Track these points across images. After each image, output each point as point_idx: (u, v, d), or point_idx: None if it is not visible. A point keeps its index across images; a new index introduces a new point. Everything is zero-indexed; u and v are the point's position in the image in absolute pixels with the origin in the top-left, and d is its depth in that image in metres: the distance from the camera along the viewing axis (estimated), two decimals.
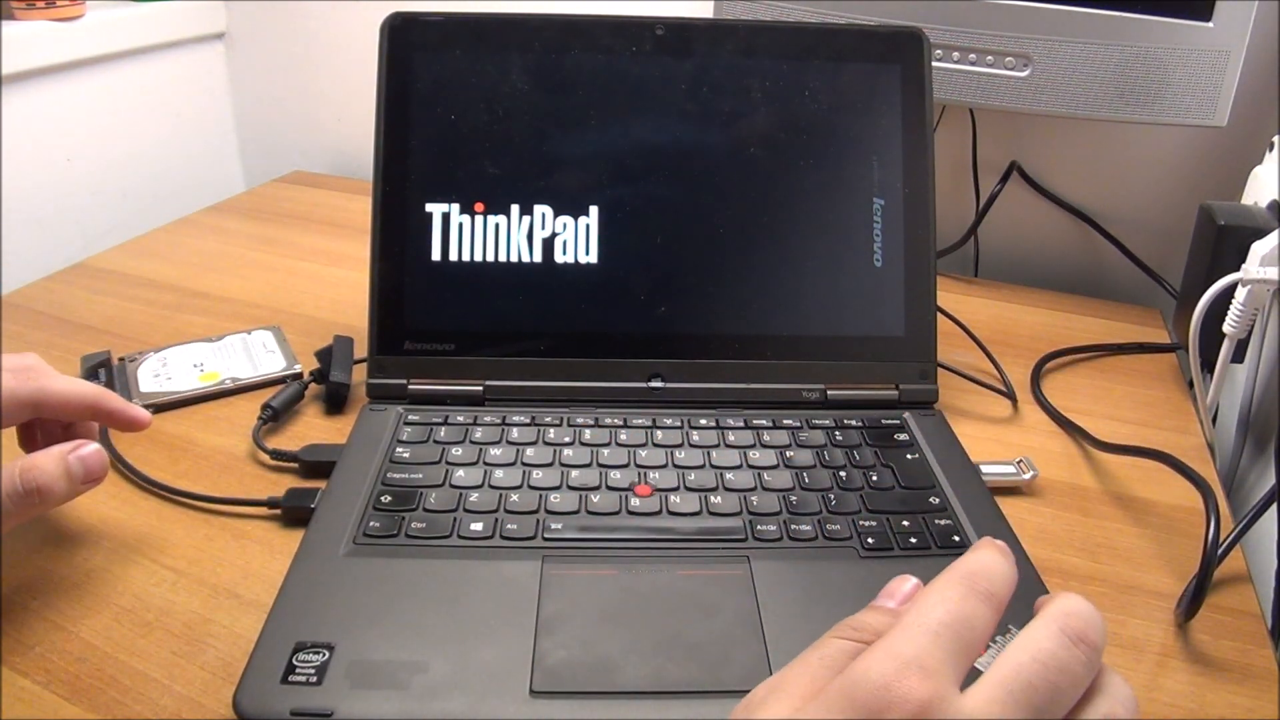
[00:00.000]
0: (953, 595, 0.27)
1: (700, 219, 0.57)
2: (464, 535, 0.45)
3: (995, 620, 0.27)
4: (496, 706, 0.35)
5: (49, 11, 0.87)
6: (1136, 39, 0.65)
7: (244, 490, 0.51)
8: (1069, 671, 0.25)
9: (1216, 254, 0.59)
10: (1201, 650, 0.42)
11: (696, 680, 0.37)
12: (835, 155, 0.58)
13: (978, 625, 0.26)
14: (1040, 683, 0.25)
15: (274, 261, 0.81)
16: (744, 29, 0.59)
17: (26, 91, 0.87)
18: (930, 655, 0.25)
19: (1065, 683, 0.25)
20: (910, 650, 0.25)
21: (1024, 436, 0.59)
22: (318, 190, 1.00)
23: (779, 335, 0.57)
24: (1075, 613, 0.26)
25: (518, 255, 0.57)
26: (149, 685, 0.38)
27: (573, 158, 0.57)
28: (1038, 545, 0.48)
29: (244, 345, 0.64)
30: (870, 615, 0.29)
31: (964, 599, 0.27)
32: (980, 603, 0.27)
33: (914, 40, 0.58)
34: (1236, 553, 0.48)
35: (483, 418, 0.54)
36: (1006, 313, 0.77)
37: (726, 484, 0.49)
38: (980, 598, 0.27)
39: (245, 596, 0.43)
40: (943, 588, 0.27)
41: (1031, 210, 0.85)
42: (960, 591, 0.27)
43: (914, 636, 0.26)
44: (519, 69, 0.57)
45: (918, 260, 0.57)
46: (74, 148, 0.94)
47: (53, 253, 0.89)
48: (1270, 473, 0.54)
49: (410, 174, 0.56)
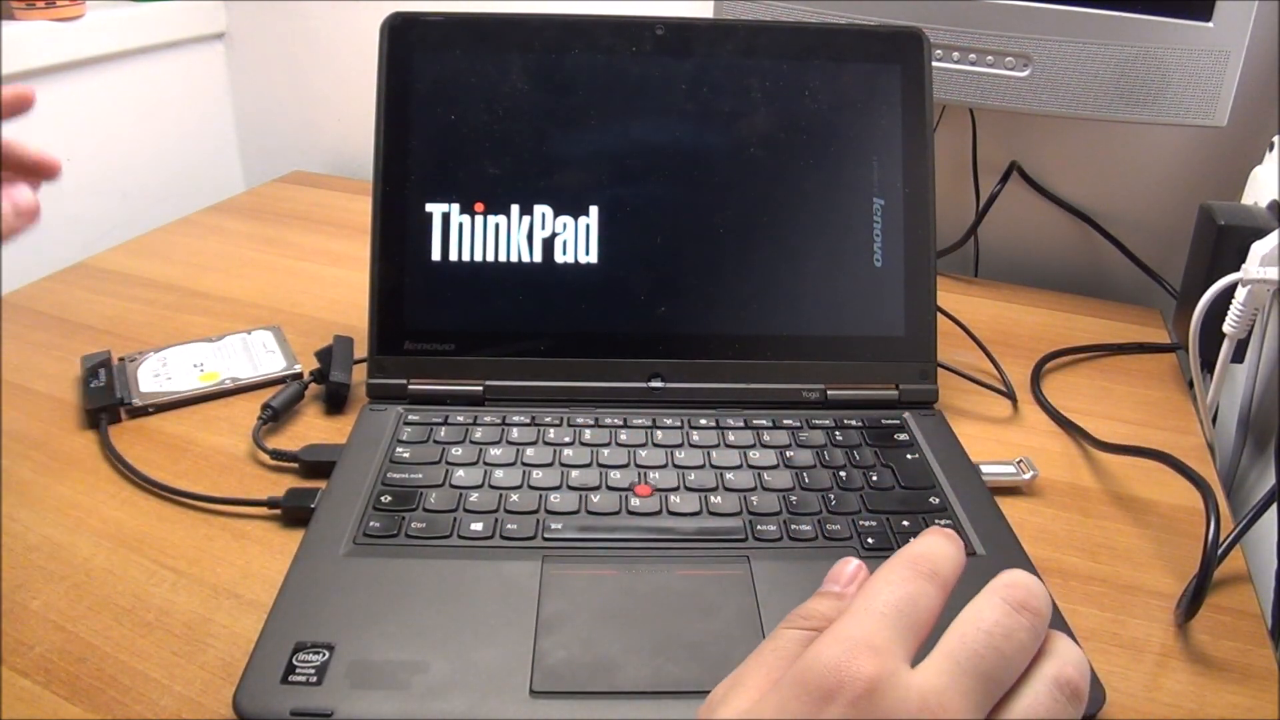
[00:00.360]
0: (896, 578, 0.27)
1: (700, 219, 0.57)
2: (464, 535, 0.45)
3: (941, 599, 0.27)
4: (496, 706, 0.35)
5: (49, 11, 0.87)
6: (1136, 39, 0.65)
7: (244, 490, 0.51)
8: (1013, 638, 0.26)
9: (1216, 254, 0.59)
10: (1201, 650, 0.42)
11: (696, 680, 0.37)
12: (835, 155, 0.58)
13: (923, 604, 0.27)
14: (986, 650, 0.25)
15: (274, 261, 0.81)
16: (744, 29, 0.59)
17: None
18: (878, 634, 0.25)
19: (1010, 648, 0.26)
20: (858, 631, 0.26)
21: (1024, 436, 0.59)
22: (318, 190, 1.00)
23: (779, 335, 0.57)
24: (1016, 583, 0.27)
25: (518, 255, 0.57)
26: (149, 685, 0.38)
27: (573, 158, 0.57)
28: (1038, 545, 0.48)
29: (244, 345, 0.64)
30: (818, 602, 0.29)
31: (908, 580, 0.27)
32: (926, 582, 0.27)
33: (914, 40, 0.58)
34: (1236, 553, 0.48)
35: (483, 418, 0.54)
36: (1006, 313, 0.77)
37: (726, 484, 0.49)
38: (925, 578, 0.27)
39: (245, 596, 0.43)
40: (888, 572, 0.28)
41: (1031, 210, 0.85)
42: (905, 574, 0.27)
43: (861, 619, 0.26)
44: (519, 69, 0.57)
45: (918, 260, 0.57)
46: (74, 148, 0.93)
47: (53, 253, 0.89)
48: (1270, 473, 0.54)
49: (410, 174, 0.56)
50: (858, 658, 0.25)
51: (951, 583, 0.28)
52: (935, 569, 0.28)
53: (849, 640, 0.25)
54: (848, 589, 0.29)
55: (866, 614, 0.26)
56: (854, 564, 0.30)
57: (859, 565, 0.30)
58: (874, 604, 0.26)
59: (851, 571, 0.30)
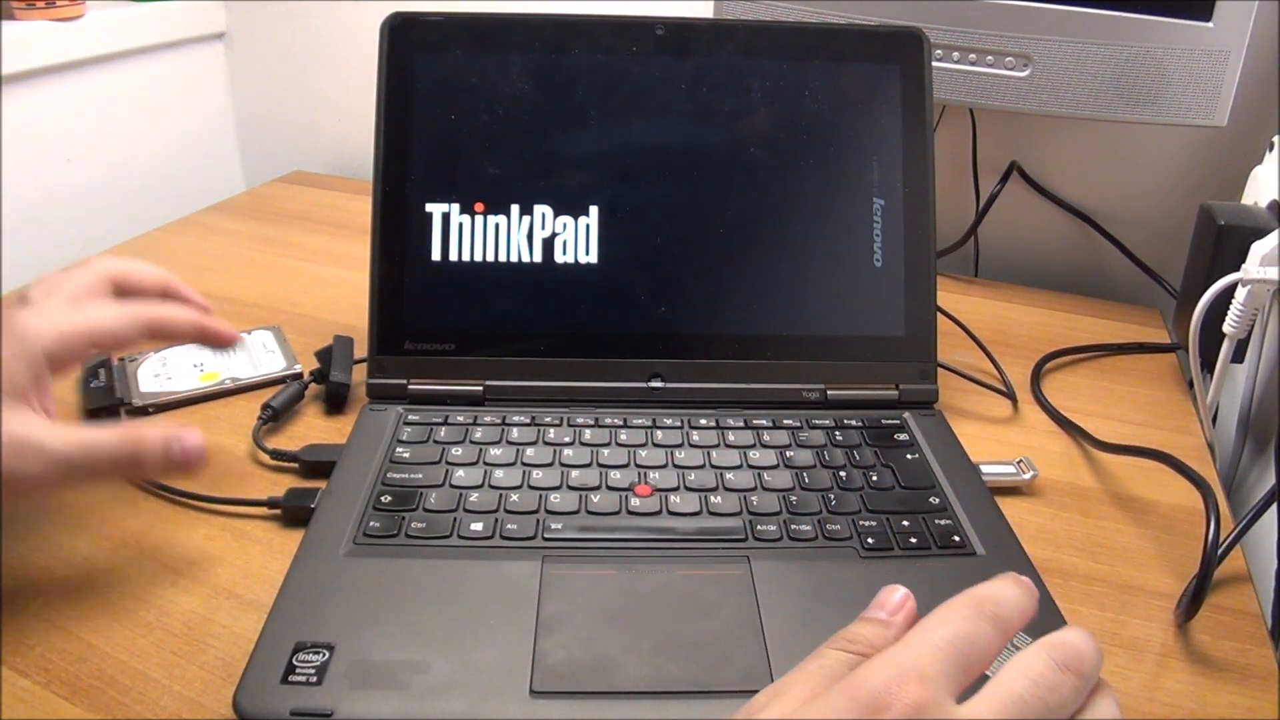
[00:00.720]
0: (958, 615, 0.28)
1: (700, 219, 0.57)
2: (464, 535, 0.45)
3: (1000, 644, 0.28)
4: (496, 706, 0.35)
5: (49, 11, 0.87)
6: (1136, 39, 0.65)
7: (244, 490, 0.51)
8: (1057, 693, 0.26)
9: (1216, 254, 0.59)
10: (1201, 650, 0.42)
11: (696, 680, 0.37)
12: (835, 155, 0.58)
13: (979, 644, 0.27)
14: (1031, 699, 0.26)
15: (274, 261, 0.81)
16: (744, 29, 0.59)
17: (26, 91, 0.87)
18: (930, 665, 0.26)
19: (1054, 701, 0.26)
20: (910, 659, 0.26)
21: (1024, 436, 0.59)
22: (318, 190, 1.00)
23: (779, 335, 0.57)
24: (1067, 642, 0.28)
25: (518, 255, 0.57)
26: (149, 685, 0.38)
27: (573, 158, 0.57)
28: (1038, 545, 0.48)
29: (244, 345, 0.64)
30: (863, 627, 0.30)
31: (969, 619, 0.28)
32: (986, 624, 0.28)
33: (914, 40, 0.58)
34: (1236, 553, 0.48)
35: (483, 418, 0.54)
36: (1006, 313, 0.77)
37: (726, 484, 0.49)
38: (986, 620, 0.28)
39: (245, 596, 0.43)
40: (951, 607, 0.28)
41: (1031, 210, 0.85)
42: (967, 612, 0.28)
43: (917, 648, 0.27)
44: (519, 69, 0.57)
45: (918, 260, 0.57)
46: (74, 148, 0.94)
47: (53, 253, 0.89)
48: (1270, 473, 0.54)
49: (410, 174, 0.56)
50: (907, 683, 0.25)
51: (1014, 630, 0.29)
52: (999, 613, 0.28)
53: (900, 665, 0.26)
54: (894, 617, 0.30)
55: (922, 644, 0.27)
56: (900, 592, 0.31)
57: (906, 594, 0.31)
58: (931, 636, 0.27)
59: (899, 600, 0.30)
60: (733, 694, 0.36)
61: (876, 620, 0.30)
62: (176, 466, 0.43)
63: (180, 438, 0.42)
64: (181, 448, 0.42)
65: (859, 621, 0.30)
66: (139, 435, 0.41)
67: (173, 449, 0.42)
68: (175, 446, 0.42)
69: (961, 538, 0.45)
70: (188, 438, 0.43)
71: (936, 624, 0.28)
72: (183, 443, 0.42)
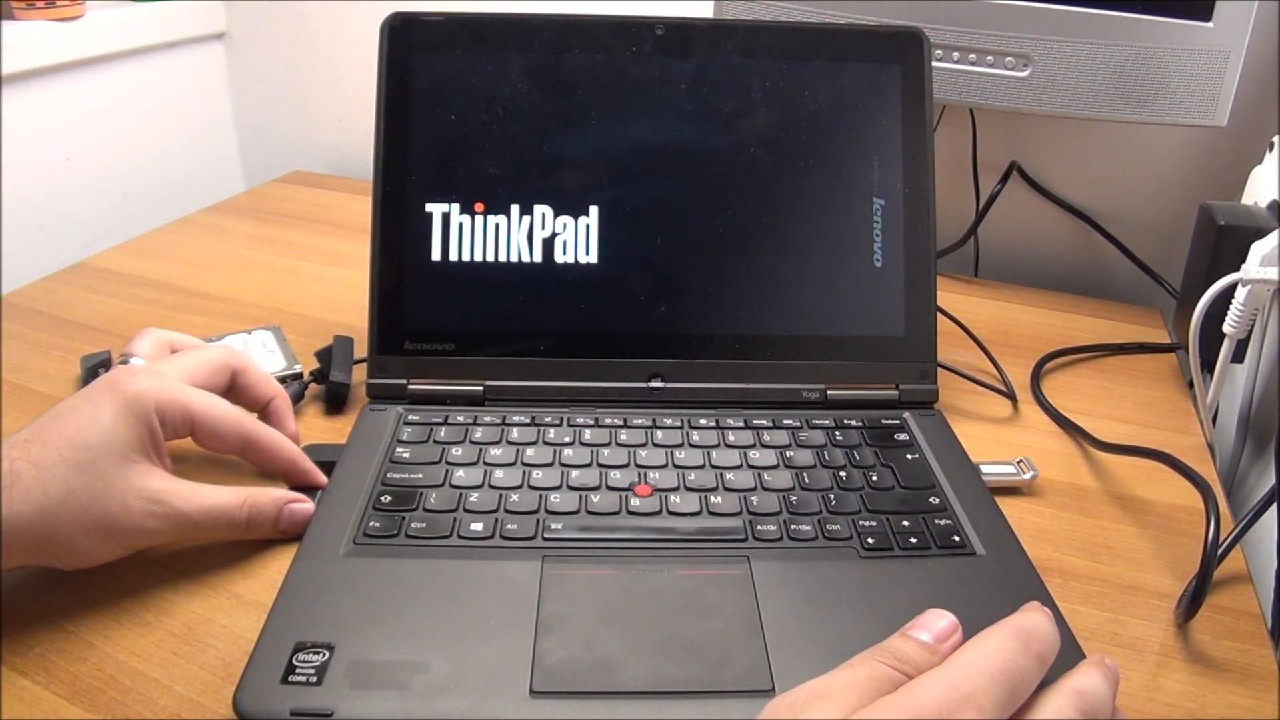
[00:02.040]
0: (1010, 648, 0.29)
1: (700, 219, 0.57)
2: (464, 535, 0.45)
3: (1038, 679, 0.29)
4: (496, 706, 0.35)
5: (49, 11, 0.87)
6: (1136, 39, 0.65)
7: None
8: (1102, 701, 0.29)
9: (1216, 254, 0.59)
10: (1201, 650, 0.42)
11: (696, 680, 0.37)
12: (835, 155, 0.58)
13: (1027, 680, 0.29)
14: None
15: (274, 261, 0.81)
16: (744, 29, 0.59)
17: (26, 91, 0.87)
18: (986, 696, 0.27)
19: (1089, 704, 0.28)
20: (969, 687, 0.27)
21: (1024, 436, 0.59)
22: (318, 190, 1.00)
23: (779, 335, 0.57)
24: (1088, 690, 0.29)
25: (518, 255, 0.57)
26: (149, 685, 0.38)
27: (573, 158, 0.57)
28: (1038, 545, 0.48)
29: (244, 345, 0.64)
30: (910, 647, 0.31)
31: (1020, 654, 0.29)
32: (1032, 661, 0.29)
33: (914, 40, 0.58)
34: (1236, 553, 0.48)
35: (483, 418, 0.54)
36: (1006, 313, 0.77)
37: (726, 484, 0.49)
38: (1033, 657, 0.29)
39: (245, 596, 0.43)
40: (1001, 638, 0.29)
41: (1031, 210, 0.85)
42: (1018, 646, 0.29)
43: (972, 676, 0.28)
44: (519, 69, 0.57)
45: (918, 260, 0.57)
46: (74, 148, 0.94)
47: (53, 253, 0.89)
48: (1270, 473, 0.54)
49: (410, 174, 0.56)
50: (966, 709, 0.27)
51: (1048, 665, 0.30)
52: (1042, 652, 0.30)
53: (959, 691, 0.27)
54: (941, 645, 0.31)
55: (977, 672, 0.28)
56: (949, 620, 0.32)
57: (954, 624, 0.32)
58: (985, 665, 0.28)
59: (946, 628, 0.31)
60: (733, 694, 0.36)
61: (923, 644, 0.31)
62: (282, 532, 0.46)
63: (292, 510, 0.46)
64: (292, 520, 0.46)
65: (904, 639, 0.31)
66: (255, 503, 0.45)
67: (283, 518, 0.46)
68: (285, 515, 0.46)
69: (961, 538, 0.45)
70: (299, 510, 0.46)
71: (990, 652, 0.29)
72: (294, 515, 0.46)
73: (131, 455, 0.41)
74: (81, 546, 0.40)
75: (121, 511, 0.40)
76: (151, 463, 0.43)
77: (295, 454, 0.49)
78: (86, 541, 0.40)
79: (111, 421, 0.41)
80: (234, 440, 0.47)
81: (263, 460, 0.48)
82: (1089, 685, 0.29)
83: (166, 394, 0.44)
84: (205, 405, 0.45)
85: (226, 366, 0.49)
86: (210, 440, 0.46)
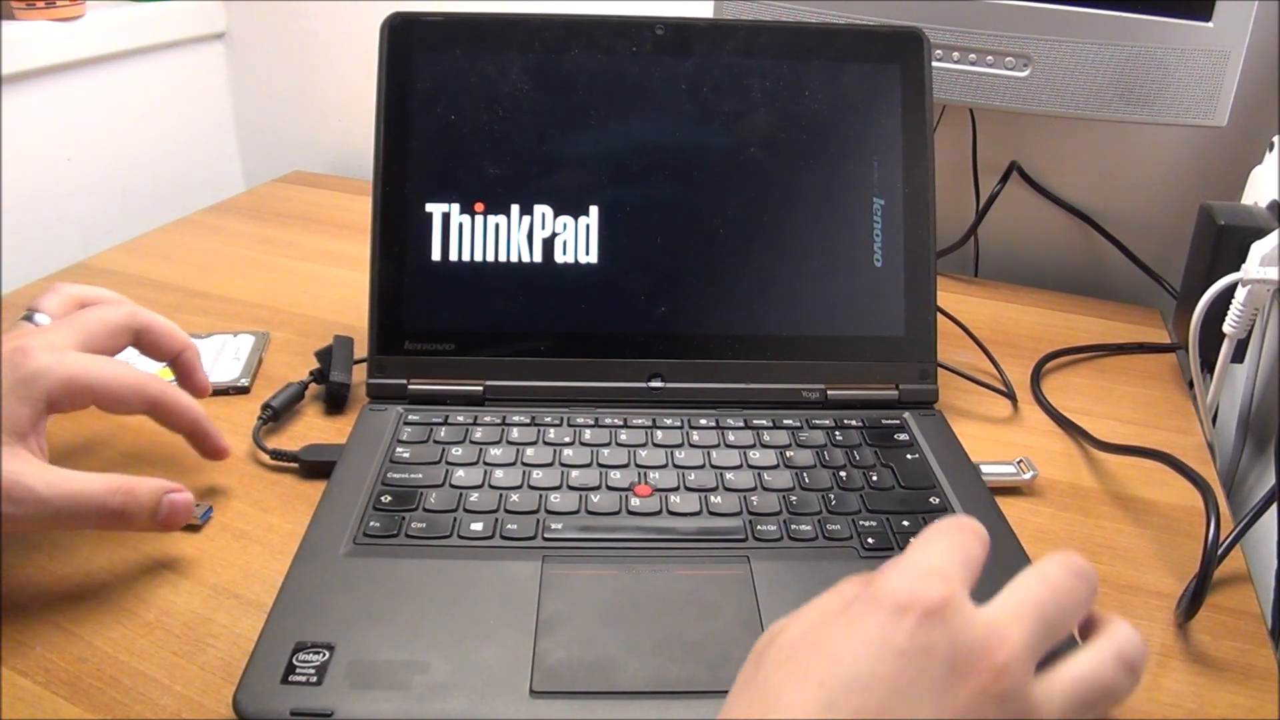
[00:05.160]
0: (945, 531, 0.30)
1: (700, 219, 0.57)
2: (464, 535, 0.45)
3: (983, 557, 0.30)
4: (496, 706, 0.35)
5: (49, 11, 0.87)
6: (1136, 39, 0.65)
7: (245, 490, 0.51)
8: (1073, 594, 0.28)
9: (1216, 254, 0.59)
10: (1201, 650, 0.42)
11: (696, 680, 0.37)
12: (835, 155, 0.58)
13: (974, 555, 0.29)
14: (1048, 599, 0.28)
15: (274, 261, 0.81)
16: (744, 29, 0.59)
17: (26, 91, 0.87)
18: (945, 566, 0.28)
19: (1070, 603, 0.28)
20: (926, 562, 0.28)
21: (1024, 436, 0.59)
22: (318, 190, 1.00)
23: (779, 335, 0.57)
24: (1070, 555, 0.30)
25: (518, 255, 0.57)
26: (149, 685, 0.38)
27: (573, 158, 0.57)
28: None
29: (220, 348, 0.63)
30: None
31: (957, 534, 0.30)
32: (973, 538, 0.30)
33: (914, 40, 0.58)
34: (1236, 553, 0.48)
35: (483, 418, 0.54)
36: (1006, 313, 0.77)
37: (726, 484, 0.49)
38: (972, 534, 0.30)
39: (245, 596, 0.43)
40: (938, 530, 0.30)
41: (1031, 210, 0.85)
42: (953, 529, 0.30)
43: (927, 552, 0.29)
44: (519, 69, 0.57)
45: (918, 260, 0.57)
46: (74, 148, 0.94)
47: (53, 253, 0.89)
48: (1270, 473, 0.54)
49: (410, 174, 0.56)
50: (930, 581, 0.26)
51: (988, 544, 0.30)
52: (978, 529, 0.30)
53: (919, 568, 0.27)
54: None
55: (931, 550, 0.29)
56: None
57: None
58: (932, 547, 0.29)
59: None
60: None
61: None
62: (161, 524, 0.43)
63: (173, 500, 0.43)
64: (172, 510, 0.43)
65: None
66: (130, 490, 0.42)
67: (161, 507, 0.43)
68: (164, 506, 0.43)
69: None
70: (179, 499, 0.43)
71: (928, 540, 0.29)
72: (174, 506, 0.43)
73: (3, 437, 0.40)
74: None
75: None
76: (23, 446, 0.41)
77: (200, 415, 0.48)
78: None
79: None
80: (138, 404, 0.45)
81: (169, 420, 0.47)
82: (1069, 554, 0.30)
83: (64, 373, 0.42)
84: (104, 377, 0.44)
85: (128, 328, 0.47)
86: (115, 406, 0.45)
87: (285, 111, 1.10)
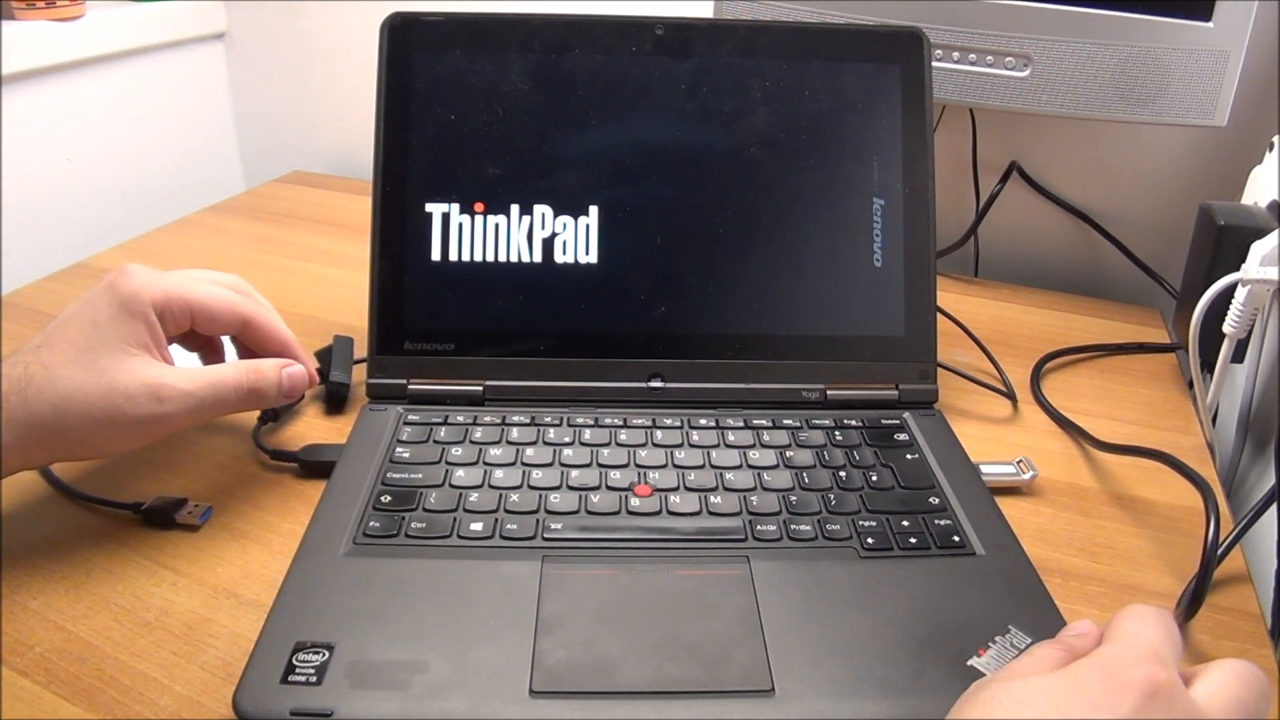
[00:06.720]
0: (1152, 623, 0.31)
1: (700, 219, 0.57)
2: (464, 535, 0.45)
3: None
4: (496, 706, 0.35)
5: (49, 11, 0.87)
6: (1136, 39, 0.65)
7: (245, 491, 0.51)
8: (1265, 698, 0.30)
9: (1216, 254, 0.59)
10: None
11: (696, 680, 0.37)
12: (835, 155, 0.58)
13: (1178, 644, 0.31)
14: (1250, 697, 0.29)
15: (274, 261, 0.81)
16: (744, 29, 0.59)
17: (26, 91, 0.87)
18: (1162, 648, 0.30)
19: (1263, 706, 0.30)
20: (1148, 643, 0.30)
21: (1024, 436, 0.59)
22: (318, 190, 1.00)
23: (779, 335, 0.57)
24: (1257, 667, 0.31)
25: (517, 255, 0.57)
26: (149, 685, 0.38)
27: (573, 158, 0.57)
28: (1038, 545, 0.48)
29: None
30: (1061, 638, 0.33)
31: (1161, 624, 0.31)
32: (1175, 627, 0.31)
33: (914, 40, 0.58)
34: (1236, 553, 0.48)
35: (482, 418, 0.54)
36: (1006, 313, 0.77)
37: (726, 484, 0.49)
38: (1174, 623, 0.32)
39: (245, 596, 0.43)
40: (1141, 617, 0.32)
41: (1031, 210, 0.85)
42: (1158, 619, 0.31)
43: (1147, 633, 0.30)
44: (519, 69, 0.57)
45: (918, 260, 0.57)
46: (74, 148, 0.94)
47: (53, 253, 0.89)
48: (1270, 473, 0.54)
49: (410, 174, 0.56)
50: (1153, 661, 0.29)
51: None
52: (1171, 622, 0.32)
53: (1143, 647, 0.29)
54: (1088, 633, 0.33)
55: (1147, 631, 0.30)
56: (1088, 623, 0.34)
57: (1092, 624, 0.34)
58: (1147, 629, 0.31)
59: (1087, 627, 0.34)
60: (732, 694, 0.36)
61: (1073, 635, 0.33)
62: (286, 395, 0.50)
63: (291, 372, 0.50)
64: (292, 381, 0.50)
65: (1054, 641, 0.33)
66: (258, 368, 0.48)
67: (284, 380, 0.49)
68: (285, 378, 0.49)
69: (961, 538, 0.45)
70: (296, 371, 0.50)
71: (1139, 625, 0.31)
72: (294, 376, 0.50)
73: (129, 350, 0.44)
74: (94, 439, 0.43)
75: (126, 402, 0.43)
76: (152, 355, 0.45)
77: (291, 339, 0.52)
78: (97, 433, 0.43)
79: (109, 321, 0.44)
80: (231, 322, 0.50)
81: (259, 339, 0.51)
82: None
83: (161, 288, 0.46)
84: (201, 293, 0.48)
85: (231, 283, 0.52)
86: (209, 325, 0.49)
87: (285, 111, 1.10)
